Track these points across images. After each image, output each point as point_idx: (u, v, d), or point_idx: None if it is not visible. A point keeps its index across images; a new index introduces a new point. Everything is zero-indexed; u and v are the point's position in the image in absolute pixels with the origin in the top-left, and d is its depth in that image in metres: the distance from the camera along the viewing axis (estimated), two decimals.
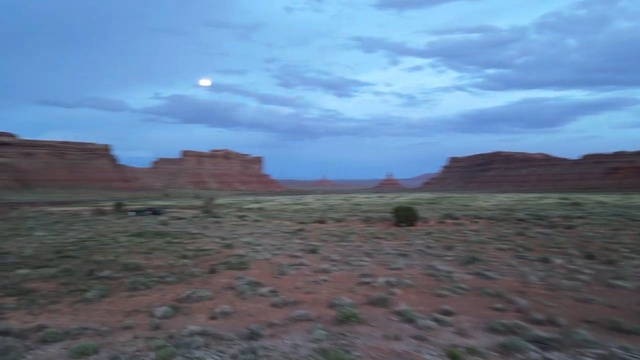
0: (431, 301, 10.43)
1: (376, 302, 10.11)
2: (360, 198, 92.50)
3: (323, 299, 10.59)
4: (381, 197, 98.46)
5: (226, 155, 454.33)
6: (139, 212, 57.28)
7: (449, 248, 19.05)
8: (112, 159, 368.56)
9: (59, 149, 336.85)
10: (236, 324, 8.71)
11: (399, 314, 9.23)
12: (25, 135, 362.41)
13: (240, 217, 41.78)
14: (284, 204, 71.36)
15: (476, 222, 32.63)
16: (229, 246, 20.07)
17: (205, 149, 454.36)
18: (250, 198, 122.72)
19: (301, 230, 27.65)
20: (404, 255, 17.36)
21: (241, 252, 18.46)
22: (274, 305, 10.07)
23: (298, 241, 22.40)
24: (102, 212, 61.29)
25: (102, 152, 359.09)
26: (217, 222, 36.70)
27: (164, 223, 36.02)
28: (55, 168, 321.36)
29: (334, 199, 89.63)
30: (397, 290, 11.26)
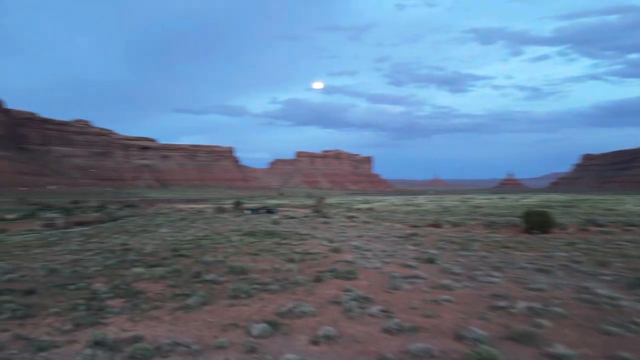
0: (598, 341, 7.81)
1: (519, 337, 7.82)
2: (479, 199, 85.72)
3: (447, 327, 8.60)
4: (503, 198, 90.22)
5: (337, 156, 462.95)
6: (255, 210, 59.89)
7: (602, 264, 15.40)
8: (235, 160, 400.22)
9: (191, 152, 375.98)
10: (341, 354, 7.24)
11: (556, 358, 6.91)
12: (163, 140, 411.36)
13: (350, 217, 40.76)
14: (395, 205, 68.94)
15: (629, 230, 27.12)
16: (336, 250, 18.85)
17: (317, 149, 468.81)
18: (359, 198, 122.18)
19: (414, 234, 25.42)
20: (543, 271, 14.32)
21: (349, 257, 17.07)
22: (386, 330, 8.38)
23: (412, 247, 20.35)
24: (222, 210, 65.59)
25: (226, 154, 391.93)
26: (326, 222, 36.12)
27: (276, 222, 36.51)
28: (187, 169, 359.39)
29: (449, 200, 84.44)
30: (545, 322, 8.75)
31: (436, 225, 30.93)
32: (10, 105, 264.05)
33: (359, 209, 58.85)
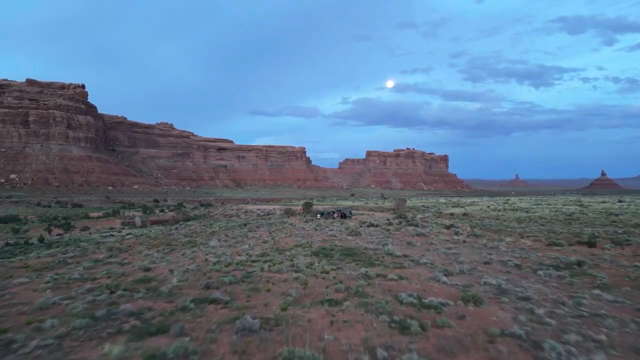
0: None
1: None
2: (594, 203, 71.50)
3: None
4: (621, 201, 75.05)
5: (410, 155, 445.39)
6: (326, 214, 52.93)
7: None
8: (306, 161, 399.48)
9: (264, 152, 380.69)
10: None
11: None
12: (240, 141, 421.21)
13: (448, 227, 32.10)
14: (494, 210, 58.21)
15: None
16: (474, 299, 10.87)
17: (387, 149, 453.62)
18: (443, 200, 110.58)
19: (580, 264, 16.40)
20: None
21: (506, 319, 9.14)
22: None
23: (604, 296, 11.71)
24: (291, 213, 59.50)
25: (298, 155, 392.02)
26: (420, 233, 27.95)
27: (354, 232, 29.05)
28: (261, 169, 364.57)
29: (560, 204, 71.50)
30: None
31: (587, 243, 21.46)
32: (102, 110, 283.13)
33: (451, 215, 49.44)
